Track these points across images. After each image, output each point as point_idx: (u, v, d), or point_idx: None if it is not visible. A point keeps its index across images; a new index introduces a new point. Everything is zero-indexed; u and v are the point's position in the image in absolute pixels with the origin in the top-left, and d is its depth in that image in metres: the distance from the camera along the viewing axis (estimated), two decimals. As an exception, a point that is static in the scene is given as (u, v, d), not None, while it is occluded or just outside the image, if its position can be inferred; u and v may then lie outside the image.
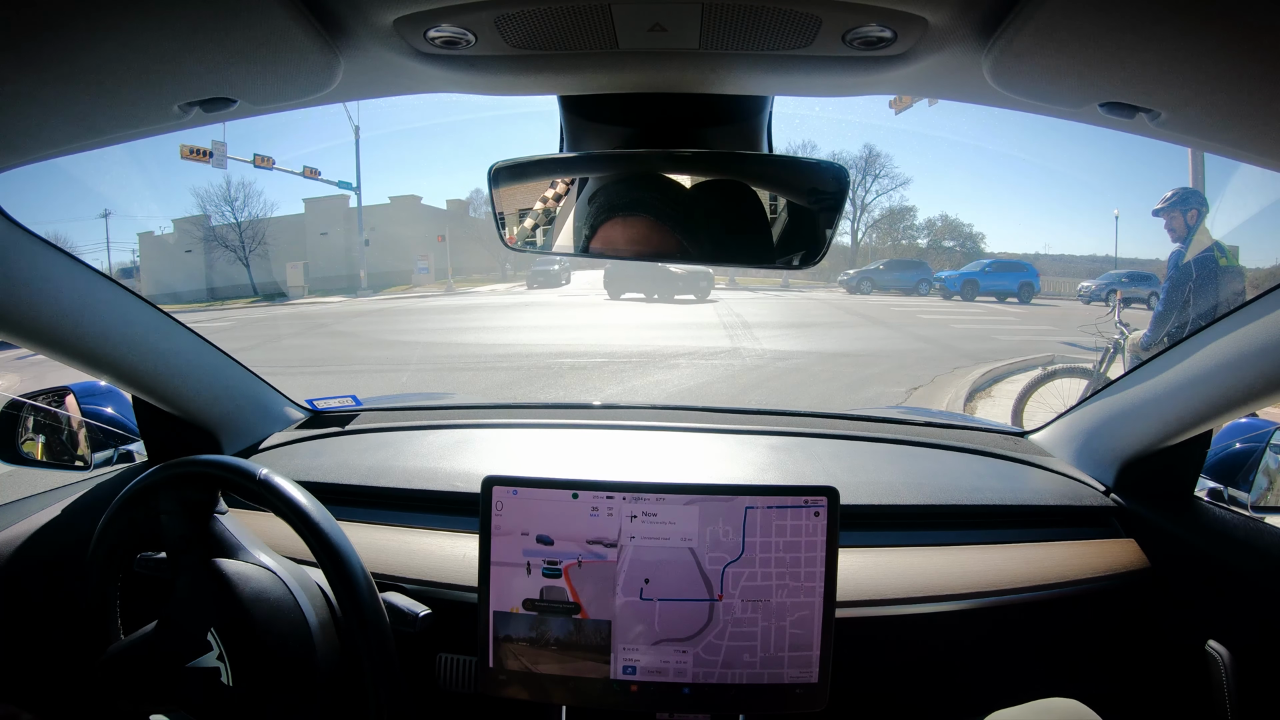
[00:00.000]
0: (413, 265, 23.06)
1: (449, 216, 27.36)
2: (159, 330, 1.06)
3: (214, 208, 24.07)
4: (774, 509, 0.85)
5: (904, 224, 26.70)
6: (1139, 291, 16.83)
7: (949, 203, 42.35)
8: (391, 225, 24.68)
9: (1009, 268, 18.24)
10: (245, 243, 23.31)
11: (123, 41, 0.51)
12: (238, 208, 24.08)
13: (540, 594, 0.87)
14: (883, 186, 26.62)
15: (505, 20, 0.53)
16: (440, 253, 23.36)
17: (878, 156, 26.15)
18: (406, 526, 1.06)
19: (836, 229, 0.73)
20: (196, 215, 24.07)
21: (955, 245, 26.13)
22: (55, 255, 0.87)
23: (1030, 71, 0.55)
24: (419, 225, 24.77)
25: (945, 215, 27.23)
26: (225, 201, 24.08)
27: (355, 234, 22.44)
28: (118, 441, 1.23)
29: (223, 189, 24.28)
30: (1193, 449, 1.05)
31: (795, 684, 0.85)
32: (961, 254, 24.72)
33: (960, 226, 27.07)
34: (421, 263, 23.18)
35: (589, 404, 1.52)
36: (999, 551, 1.03)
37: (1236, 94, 0.53)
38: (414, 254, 23.16)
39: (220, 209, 24.03)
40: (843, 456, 1.25)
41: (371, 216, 24.43)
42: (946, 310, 14.63)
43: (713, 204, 0.73)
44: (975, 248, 25.81)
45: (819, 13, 0.51)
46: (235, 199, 24.05)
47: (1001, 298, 17.23)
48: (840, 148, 26.03)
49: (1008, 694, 0.93)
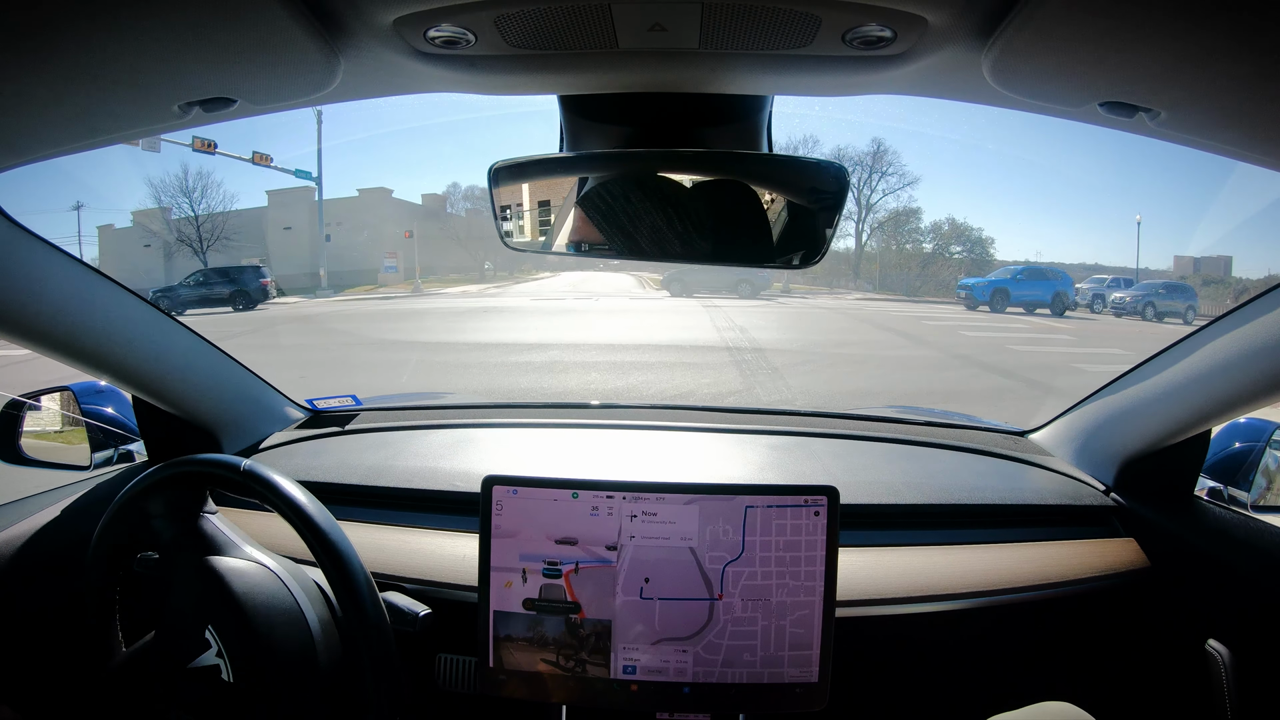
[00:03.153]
0: (380, 264, 21.97)
1: (423, 212, 26.11)
2: (159, 330, 1.06)
3: (170, 199, 22.29)
4: (774, 508, 0.85)
5: (907, 227, 25.47)
6: (1176, 305, 15.66)
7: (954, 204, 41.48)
8: (359, 220, 23.35)
9: (1042, 275, 16.48)
10: (203, 237, 21.55)
11: (123, 41, 0.51)
12: (196, 199, 22.26)
13: (540, 594, 0.87)
14: (889, 185, 25.36)
15: (505, 20, 0.53)
16: (410, 250, 22.22)
17: (885, 152, 24.60)
18: (406, 526, 1.06)
19: (836, 229, 0.73)
20: (156, 208, 22.36)
21: (963, 251, 24.93)
22: (55, 255, 0.87)
23: (1030, 71, 0.55)
24: (390, 220, 23.47)
25: (953, 218, 25.85)
26: (183, 193, 22.25)
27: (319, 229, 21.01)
28: (118, 441, 1.23)
29: (179, 179, 22.79)
30: (1193, 448, 1.05)
31: (795, 683, 0.85)
32: (971, 261, 23.76)
33: (969, 230, 25.29)
34: (389, 261, 21.95)
35: (589, 404, 1.51)
36: (999, 551, 1.03)
37: (1236, 94, 0.53)
38: (381, 251, 22.03)
39: (177, 201, 22.23)
40: (843, 456, 1.25)
41: (337, 210, 22.92)
42: (982, 324, 12.68)
43: (712, 204, 0.73)
44: (985, 253, 24.59)
45: (819, 12, 0.51)
46: (193, 190, 22.21)
47: (1030, 309, 15.56)
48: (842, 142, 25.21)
49: (1007, 693, 0.93)
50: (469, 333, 9.76)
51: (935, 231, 25.26)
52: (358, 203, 24.42)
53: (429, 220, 25.60)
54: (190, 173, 22.40)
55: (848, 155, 23.02)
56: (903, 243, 25.21)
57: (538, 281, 25.01)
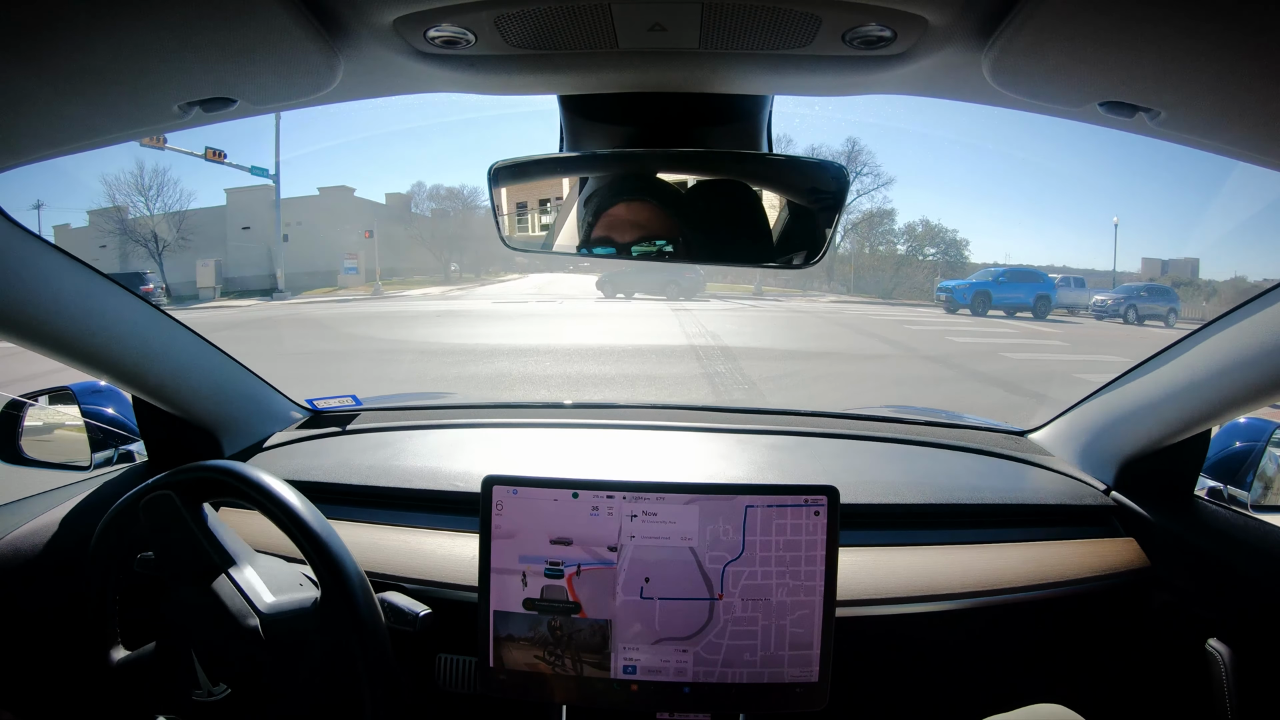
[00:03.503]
0: (340, 265, 20.82)
1: (387, 212, 25.10)
2: (159, 330, 1.06)
3: (125, 198, 20.70)
4: (774, 508, 0.85)
5: (881, 228, 24.62)
6: (1157, 308, 15.32)
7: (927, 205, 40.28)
8: (320, 220, 22.23)
9: (1024, 277, 16.07)
10: (159, 237, 20.22)
11: (123, 41, 0.51)
12: (152, 198, 20.75)
13: (540, 594, 0.87)
14: (864, 185, 24.23)
15: (505, 20, 0.53)
16: (371, 251, 21.00)
17: (860, 152, 23.39)
18: (407, 526, 1.06)
19: (837, 228, 0.73)
20: (111, 207, 20.65)
21: (937, 253, 23.89)
22: (55, 255, 0.87)
23: (1030, 71, 0.55)
24: (352, 220, 22.35)
25: (927, 220, 24.84)
26: (138, 191, 20.70)
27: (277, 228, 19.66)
28: (118, 441, 1.23)
29: (134, 176, 20.75)
30: (1193, 448, 1.05)
31: (795, 683, 0.85)
32: (945, 263, 23.08)
33: (943, 232, 24.29)
34: (349, 262, 20.82)
35: (589, 403, 1.51)
36: (999, 550, 1.03)
37: (1236, 94, 0.53)
38: (342, 252, 20.86)
39: (132, 199, 20.70)
40: (843, 456, 1.25)
41: (297, 210, 21.73)
42: (967, 328, 12.22)
43: (713, 203, 0.73)
44: (959, 256, 23.87)
45: (819, 12, 0.51)
46: (149, 188, 20.67)
47: (1011, 312, 15.25)
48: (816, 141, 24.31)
49: (1007, 693, 0.93)
50: (414, 340, 8.88)
51: (909, 233, 24.64)
52: (318, 202, 23.29)
53: (393, 220, 24.66)
54: (146, 170, 20.67)
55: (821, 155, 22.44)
56: (876, 244, 24.69)
57: (504, 283, 24.24)
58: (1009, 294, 15.48)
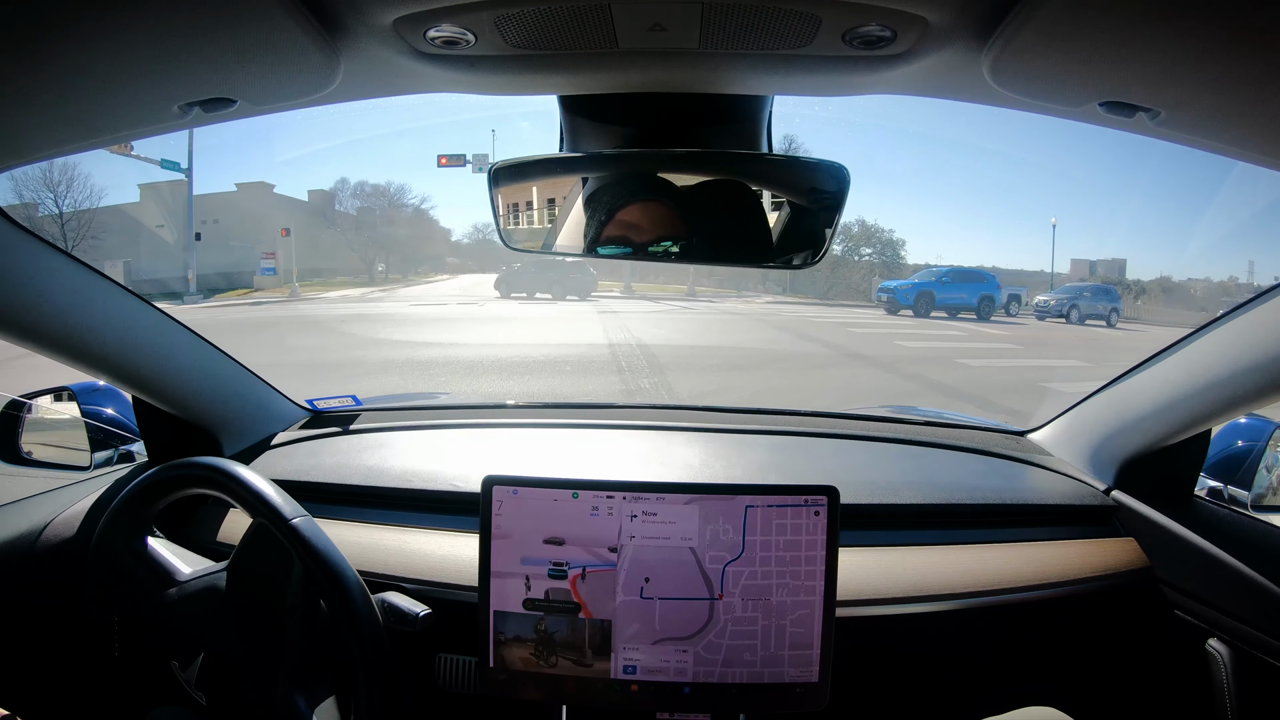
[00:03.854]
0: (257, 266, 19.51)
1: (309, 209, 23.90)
2: (158, 330, 1.06)
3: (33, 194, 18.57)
4: (774, 508, 0.85)
5: None
6: (1099, 308, 15.19)
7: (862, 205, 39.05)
8: (238, 217, 21.13)
9: (968, 278, 15.87)
10: (68, 236, 17.90)
11: (123, 41, 0.51)
12: (61, 194, 18.88)
13: (541, 594, 0.87)
14: None
15: (505, 20, 0.53)
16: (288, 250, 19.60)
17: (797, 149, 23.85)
18: (407, 526, 1.06)
19: (837, 228, 0.73)
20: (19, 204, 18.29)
21: (873, 254, 23.65)
22: (55, 255, 0.87)
23: (1030, 71, 0.55)
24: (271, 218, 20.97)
25: (863, 220, 23.68)
26: (46, 187, 18.76)
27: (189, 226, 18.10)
28: (118, 441, 1.23)
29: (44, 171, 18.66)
30: (1193, 448, 1.05)
31: (795, 683, 0.85)
32: (882, 264, 22.76)
33: (879, 232, 23.93)
34: (266, 262, 19.43)
35: (589, 404, 1.52)
36: (999, 550, 1.03)
37: (1236, 94, 0.53)
38: (259, 252, 19.57)
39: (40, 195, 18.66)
40: (843, 456, 1.25)
41: (213, 206, 20.63)
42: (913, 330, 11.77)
43: (712, 204, 0.73)
44: (895, 256, 23.50)
45: (819, 12, 0.51)
46: (58, 184, 18.79)
47: (954, 313, 14.99)
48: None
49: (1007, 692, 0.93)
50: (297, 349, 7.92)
51: (845, 234, 23.78)
52: (236, 199, 22.20)
53: (315, 218, 23.46)
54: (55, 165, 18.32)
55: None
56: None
57: (430, 285, 23.14)
58: (953, 295, 15.28)
